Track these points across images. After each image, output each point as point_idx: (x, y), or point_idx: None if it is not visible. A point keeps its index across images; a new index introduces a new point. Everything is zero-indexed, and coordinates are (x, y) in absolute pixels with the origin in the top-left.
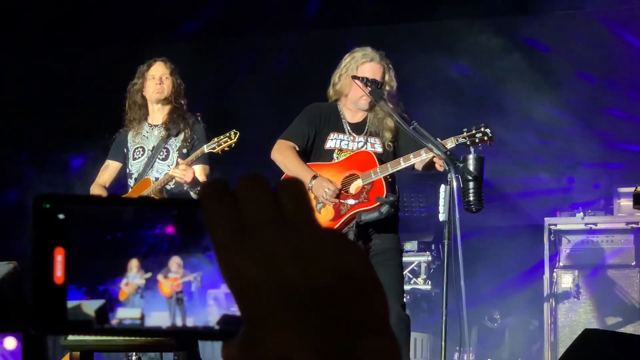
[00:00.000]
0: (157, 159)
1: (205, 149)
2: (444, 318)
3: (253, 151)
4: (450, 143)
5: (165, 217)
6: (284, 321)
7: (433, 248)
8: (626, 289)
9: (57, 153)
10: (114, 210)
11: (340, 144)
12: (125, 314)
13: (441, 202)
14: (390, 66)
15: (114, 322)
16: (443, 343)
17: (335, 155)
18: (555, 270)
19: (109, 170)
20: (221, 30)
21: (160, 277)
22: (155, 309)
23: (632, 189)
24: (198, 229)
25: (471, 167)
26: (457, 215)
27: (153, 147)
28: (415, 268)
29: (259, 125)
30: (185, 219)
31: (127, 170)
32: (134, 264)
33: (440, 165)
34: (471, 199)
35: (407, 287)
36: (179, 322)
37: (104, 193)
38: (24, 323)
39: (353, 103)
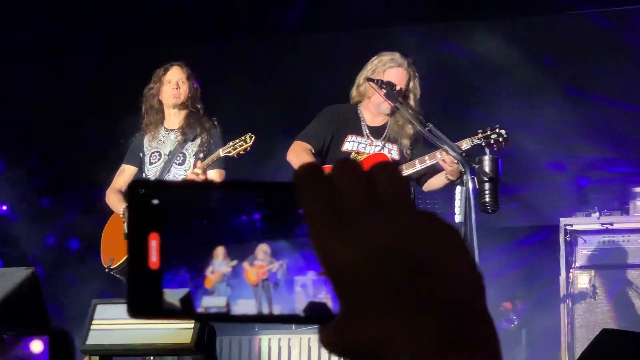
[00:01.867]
0: (174, 164)
1: (221, 152)
2: None
3: (268, 154)
4: (465, 144)
5: (252, 204)
6: (382, 304)
7: None
8: None
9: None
10: (204, 196)
11: (357, 147)
12: (211, 302)
13: (457, 203)
14: (417, 75)
15: (199, 310)
16: None
17: (352, 157)
18: (571, 270)
19: (124, 174)
20: (232, 33)
21: (246, 264)
22: (241, 296)
23: None
24: (286, 215)
25: (487, 168)
26: (473, 217)
27: (169, 152)
28: None
29: (273, 128)
30: (272, 205)
31: (144, 175)
32: (220, 251)
33: (450, 173)
34: (487, 200)
35: None
36: (265, 310)
37: (120, 198)
38: (44, 327)
39: (376, 106)
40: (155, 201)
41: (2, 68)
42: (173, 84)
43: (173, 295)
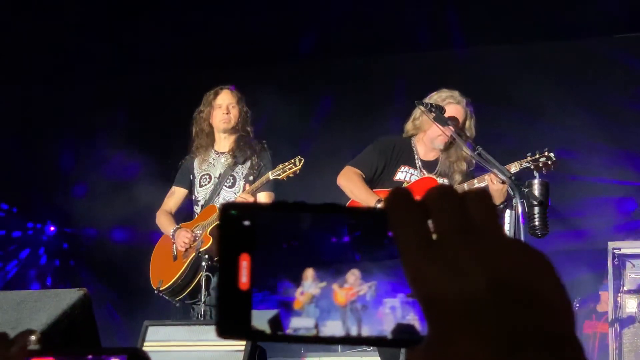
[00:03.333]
0: (224, 187)
1: (270, 175)
2: None
3: (316, 177)
4: (514, 168)
5: (342, 227)
6: (471, 330)
7: None
8: None
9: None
10: (294, 218)
11: (410, 178)
12: (299, 324)
13: (506, 227)
14: (473, 115)
15: (288, 331)
16: None
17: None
18: (619, 294)
19: (175, 196)
20: (276, 56)
21: (335, 286)
22: (329, 318)
23: None
24: (375, 238)
25: (536, 192)
26: (523, 240)
27: (220, 175)
28: None
29: (323, 152)
30: (362, 228)
31: (193, 197)
32: (309, 273)
33: (495, 198)
34: (537, 223)
35: None
36: (353, 332)
37: (170, 220)
38: (107, 350)
39: (430, 140)
40: (247, 222)
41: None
42: (223, 109)
43: (262, 317)
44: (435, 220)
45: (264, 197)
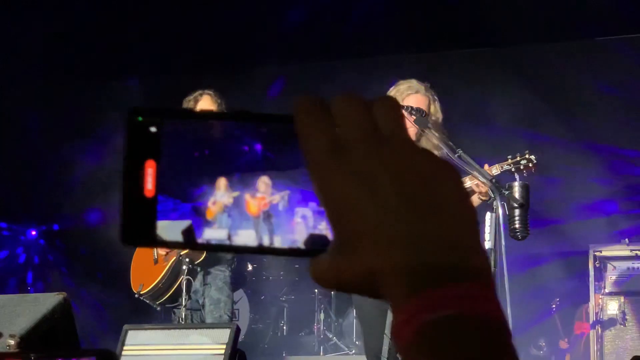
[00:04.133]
0: None
1: None
2: None
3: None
4: (495, 170)
5: (254, 135)
6: (376, 236)
7: None
8: None
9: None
10: (204, 126)
11: None
12: (212, 234)
13: (487, 229)
14: (436, 97)
15: (200, 241)
16: None
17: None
18: (600, 296)
19: None
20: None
21: (247, 196)
22: (241, 227)
23: None
24: (288, 146)
25: (517, 194)
26: (503, 243)
27: None
28: None
29: None
30: (274, 136)
31: None
32: (222, 182)
33: (482, 194)
34: (517, 226)
35: None
36: (265, 241)
37: None
38: (76, 352)
39: None
40: (153, 129)
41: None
42: None
43: (174, 227)
44: (341, 128)
45: None
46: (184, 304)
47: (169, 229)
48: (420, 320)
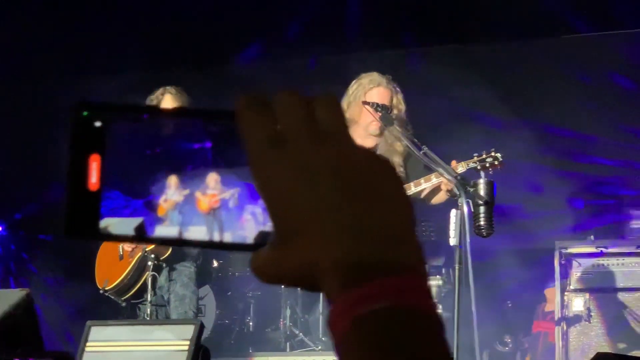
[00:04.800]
0: None
1: None
2: (455, 342)
3: None
4: (460, 168)
5: (203, 132)
6: (313, 229)
7: (444, 272)
8: (637, 311)
9: None
10: (152, 122)
11: None
12: (163, 230)
13: (452, 226)
14: (398, 89)
15: (151, 237)
16: None
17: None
18: (566, 293)
19: None
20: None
21: (198, 193)
22: (193, 224)
23: None
24: (236, 144)
25: (482, 192)
26: (468, 240)
27: None
28: None
29: None
30: (222, 133)
31: None
32: (173, 180)
33: (445, 185)
34: (482, 223)
35: None
36: (216, 238)
37: None
38: (39, 350)
39: (363, 129)
40: (98, 123)
41: None
42: None
43: (126, 223)
44: (282, 124)
45: None
46: (149, 299)
47: (121, 225)
48: (355, 312)
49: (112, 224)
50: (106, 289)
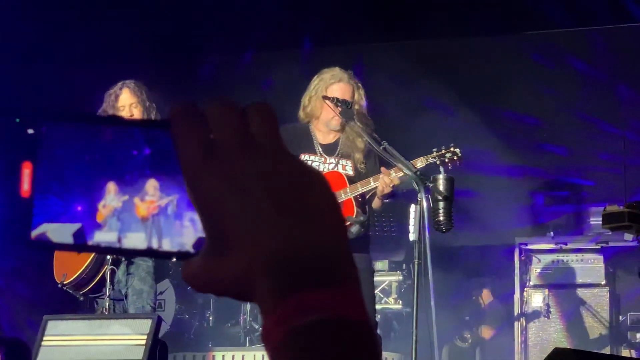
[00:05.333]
0: None
1: None
2: (414, 338)
3: None
4: (420, 163)
5: (143, 139)
6: (245, 240)
7: (404, 267)
8: (596, 307)
9: None
10: (91, 130)
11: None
12: (102, 236)
13: (411, 221)
14: (360, 85)
15: (90, 243)
16: None
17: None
18: (525, 289)
19: None
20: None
21: (137, 199)
22: (131, 230)
23: (601, 209)
24: (174, 152)
25: (441, 187)
26: (427, 235)
27: None
28: (386, 287)
29: None
30: (162, 141)
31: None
32: (111, 186)
33: (379, 189)
34: (441, 218)
35: (378, 307)
36: (154, 245)
37: None
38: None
39: (325, 124)
40: (31, 130)
41: None
42: (126, 111)
43: (64, 229)
44: (215, 134)
45: None
46: (107, 294)
47: (59, 231)
48: (288, 324)
49: (50, 229)
50: (64, 283)
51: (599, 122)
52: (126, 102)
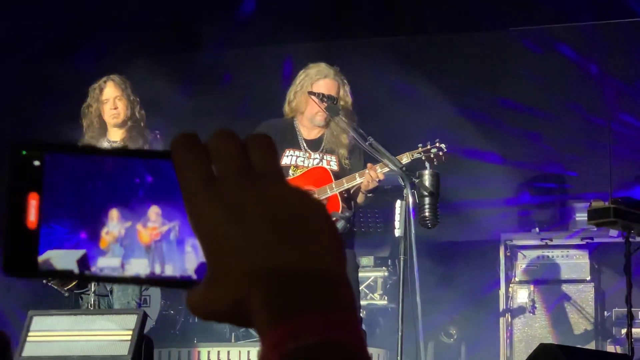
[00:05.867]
0: None
1: None
2: (399, 334)
3: None
4: (405, 158)
5: (144, 167)
6: (242, 267)
7: (389, 263)
8: (581, 303)
9: None
10: (93, 159)
11: (296, 161)
12: (105, 263)
13: (397, 217)
14: (345, 81)
15: (94, 269)
16: (399, 358)
17: (291, 172)
18: (511, 285)
19: None
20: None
21: (139, 226)
22: (134, 256)
23: (587, 204)
24: (172, 180)
25: (427, 183)
26: (413, 231)
27: None
28: (372, 283)
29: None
30: (163, 168)
31: None
32: (114, 213)
33: (364, 185)
34: (427, 214)
35: (363, 303)
36: (157, 270)
37: None
38: None
39: (309, 120)
40: (37, 162)
41: None
42: (110, 104)
43: (68, 256)
44: (216, 163)
45: None
46: (92, 289)
47: (63, 258)
48: (284, 348)
49: (54, 256)
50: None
51: (583, 113)
52: (110, 95)
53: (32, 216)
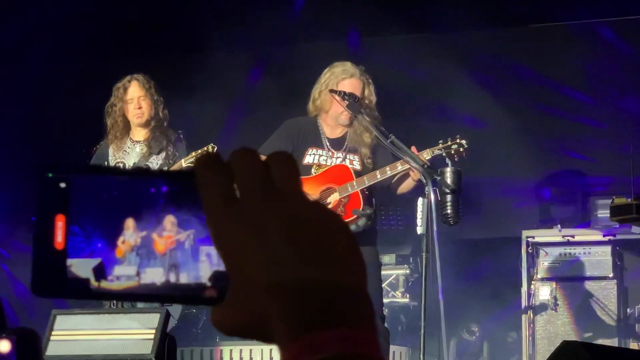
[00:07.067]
0: None
1: (184, 163)
2: (422, 331)
3: None
4: (426, 155)
5: (161, 189)
6: (263, 283)
7: (411, 261)
8: (603, 300)
9: None
10: (111, 181)
11: (318, 160)
12: (121, 271)
13: (419, 215)
14: (370, 81)
15: (110, 278)
16: (421, 356)
17: (313, 170)
18: (532, 282)
19: None
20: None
21: (155, 235)
22: (149, 265)
23: (609, 201)
24: (192, 199)
25: (449, 180)
26: (435, 228)
27: (134, 164)
28: (394, 281)
29: (235, 139)
30: (179, 189)
31: None
32: (130, 223)
33: (414, 174)
34: (449, 212)
35: (385, 301)
36: (172, 279)
37: None
38: (11, 327)
39: (334, 119)
40: (63, 184)
41: None
42: (135, 103)
43: (85, 265)
44: (238, 181)
45: None
46: None
47: (80, 266)
48: None
49: (72, 264)
50: None
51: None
52: (135, 95)
53: (60, 237)
